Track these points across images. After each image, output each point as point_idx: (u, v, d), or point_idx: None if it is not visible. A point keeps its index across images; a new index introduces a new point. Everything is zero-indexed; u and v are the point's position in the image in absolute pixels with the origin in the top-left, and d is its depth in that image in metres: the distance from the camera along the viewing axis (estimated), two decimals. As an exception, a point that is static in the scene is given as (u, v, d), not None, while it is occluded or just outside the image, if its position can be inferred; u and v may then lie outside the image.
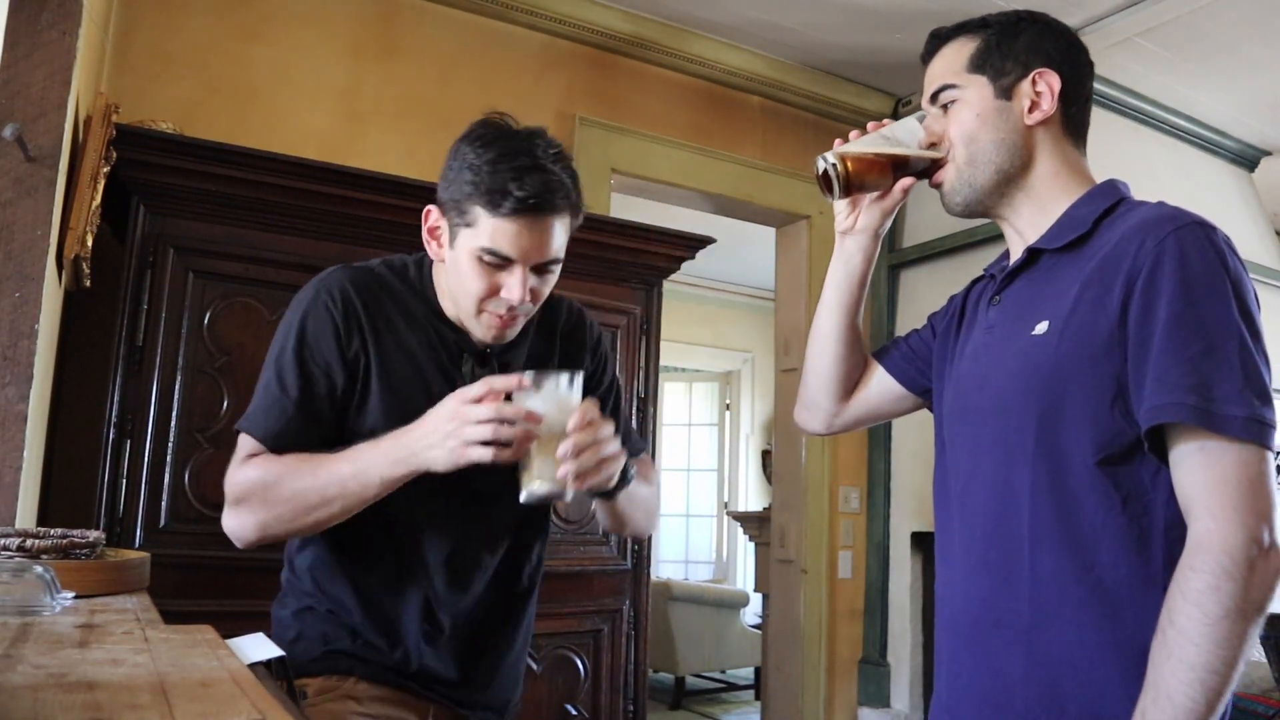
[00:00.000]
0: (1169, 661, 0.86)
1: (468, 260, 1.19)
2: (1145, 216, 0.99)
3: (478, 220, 1.17)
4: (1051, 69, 1.08)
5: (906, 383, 1.26)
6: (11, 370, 1.49)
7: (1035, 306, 1.04)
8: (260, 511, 1.19)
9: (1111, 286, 0.95)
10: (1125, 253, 0.96)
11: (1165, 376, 0.90)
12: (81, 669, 0.67)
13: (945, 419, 1.15)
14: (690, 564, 7.13)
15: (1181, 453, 0.90)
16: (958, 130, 1.09)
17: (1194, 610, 0.86)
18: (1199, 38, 3.07)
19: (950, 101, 1.10)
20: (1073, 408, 0.96)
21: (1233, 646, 0.85)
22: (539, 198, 1.14)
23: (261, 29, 2.68)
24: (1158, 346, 0.91)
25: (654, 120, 3.31)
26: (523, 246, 1.17)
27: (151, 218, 2.06)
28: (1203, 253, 0.94)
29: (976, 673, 1.03)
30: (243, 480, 1.21)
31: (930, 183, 1.14)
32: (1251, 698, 2.67)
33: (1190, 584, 0.87)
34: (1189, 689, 0.84)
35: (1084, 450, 0.96)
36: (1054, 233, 1.06)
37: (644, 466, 1.39)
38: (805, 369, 1.31)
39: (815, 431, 1.34)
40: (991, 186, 1.09)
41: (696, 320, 6.62)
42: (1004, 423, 1.02)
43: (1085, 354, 0.96)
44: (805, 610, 3.56)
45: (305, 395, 1.23)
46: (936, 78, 1.12)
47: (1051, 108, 1.07)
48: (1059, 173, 1.09)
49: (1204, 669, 0.84)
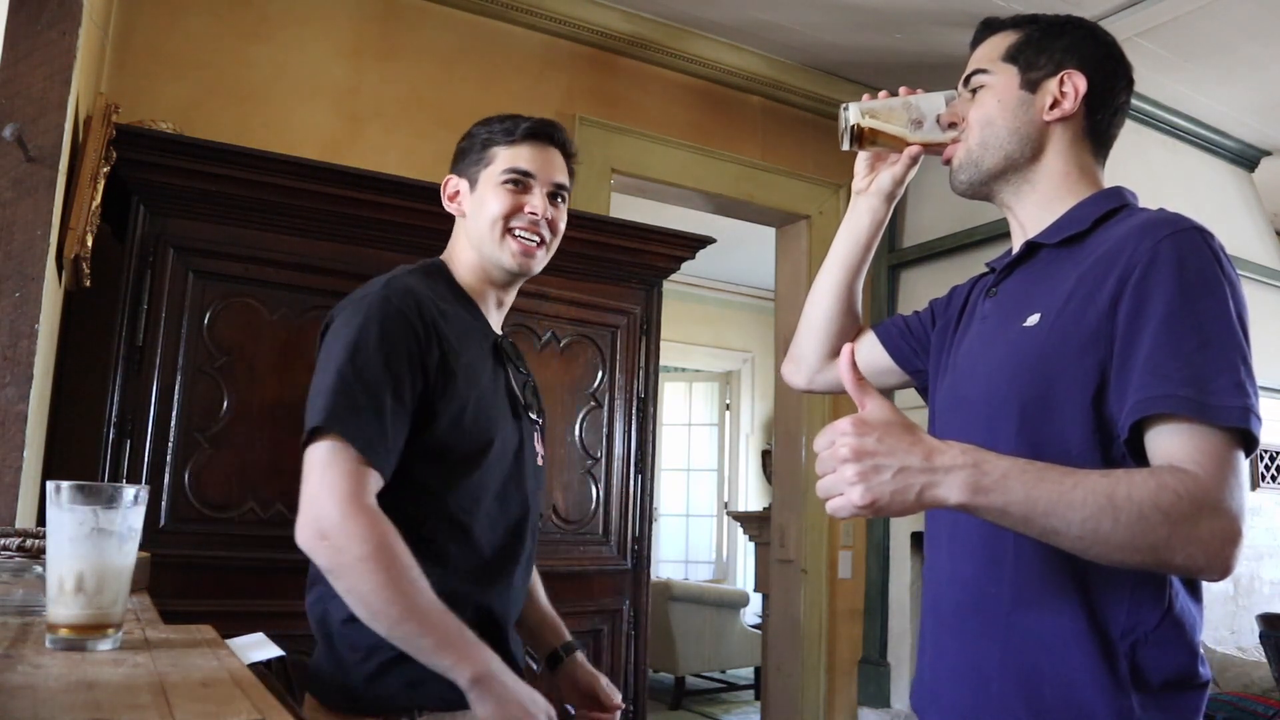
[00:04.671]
0: (1102, 478, 0.84)
1: (492, 190, 1.33)
2: (1144, 219, 1.00)
3: (496, 155, 1.34)
4: (1082, 72, 1.09)
5: (897, 357, 1.29)
6: (11, 370, 1.49)
7: (1029, 300, 1.05)
8: (381, 590, 1.11)
9: (1103, 282, 0.96)
10: (1121, 251, 0.97)
11: (1159, 369, 0.90)
12: (81, 669, 0.67)
13: (939, 409, 1.16)
14: (690, 564, 7.13)
15: (1170, 433, 0.89)
16: (977, 113, 1.11)
17: (1151, 483, 0.84)
18: (1199, 38, 3.07)
19: (979, 86, 1.12)
20: (1056, 398, 0.97)
21: (1134, 533, 0.83)
22: (545, 125, 1.37)
23: (261, 29, 2.68)
24: (1151, 342, 0.91)
25: (654, 120, 3.31)
26: (537, 164, 1.34)
27: (151, 218, 2.06)
28: (1199, 255, 0.95)
29: (956, 655, 1.04)
30: (380, 540, 1.11)
31: (942, 159, 1.16)
32: (1252, 698, 2.67)
33: (1164, 476, 0.85)
34: (1089, 506, 0.83)
35: (1066, 441, 0.96)
36: (1053, 229, 1.08)
37: None
38: (799, 325, 1.35)
39: (797, 386, 1.37)
40: (997, 172, 1.11)
41: (696, 320, 6.62)
42: (990, 412, 1.03)
43: (1070, 346, 0.96)
44: (805, 610, 3.56)
45: (395, 400, 1.17)
46: (973, 63, 1.15)
47: (1073, 108, 1.09)
48: (1068, 173, 1.10)
49: (1111, 511, 0.83)
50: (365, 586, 1.10)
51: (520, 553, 1.33)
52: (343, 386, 1.15)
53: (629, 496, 2.61)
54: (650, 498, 2.65)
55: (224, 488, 2.07)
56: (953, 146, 1.14)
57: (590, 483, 2.55)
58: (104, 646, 0.75)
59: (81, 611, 0.74)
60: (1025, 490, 0.84)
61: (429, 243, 2.30)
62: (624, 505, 2.59)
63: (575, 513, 2.49)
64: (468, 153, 1.38)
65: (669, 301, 2.85)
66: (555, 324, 2.52)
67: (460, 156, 1.40)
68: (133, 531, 0.77)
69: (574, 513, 2.48)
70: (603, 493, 2.56)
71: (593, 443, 2.55)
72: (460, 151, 1.41)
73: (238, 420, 2.09)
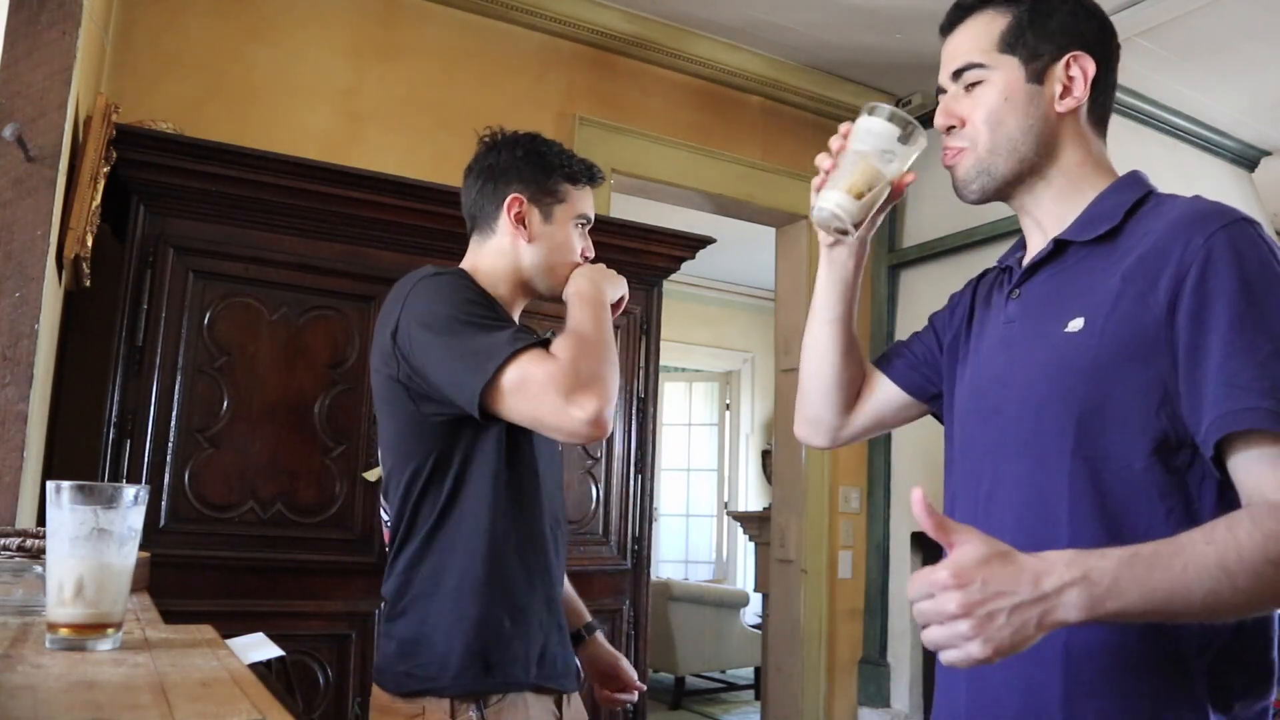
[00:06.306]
0: (1206, 545, 0.79)
1: (568, 229, 1.42)
2: (1187, 211, 0.94)
3: (568, 195, 1.43)
4: (1087, 52, 1.01)
5: (913, 390, 1.21)
6: (11, 370, 1.49)
7: (1065, 301, 0.97)
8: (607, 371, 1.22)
9: (1156, 283, 0.89)
10: (1170, 249, 0.90)
11: (1235, 380, 0.84)
12: (81, 669, 0.67)
13: (960, 419, 1.09)
14: (690, 564, 7.13)
15: (1256, 457, 0.84)
16: (983, 114, 1.01)
17: (1257, 536, 0.79)
18: (1199, 38, 3.07)
19: (976, 82, 1.02)
20: (1115, 409, 0.91)
21: (1254, 593, 0.79)
22: (598, 171, 1.47)
23: (262, 29, 2.68)
24: (1223, 350, 0.85)
25: (654, 120, 3.31)
26: (594, 209, 1.47)
27: (151, 218, 2.06)
28: (1256, 249, 0.89)
29: (1007, 689, 0.93)
30: (569, 359, 1.20)
31: (944, 161, 1.06)
32: (1251, 698, 2.66)
33: (1268, 523, 0.80)
34: (1208, 574, 0.78)
35: (1128, 454, 0.90)
36: (1081, 225, 1.00)
37: None
38: (803, 383, 1.25)
39: (820, 446, 1.28)
40: (1012, 176, 1.02)
41: (696, 320, 6.61)
42: (1035, 424, 0.95)
43: (1129, 354, 0.90)
44: (805, 610, 3.56)
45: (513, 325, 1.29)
46: (961, 54, 1.03)
47: (1084, 95, 1.01)
48: (1084, 163, 1.02)
49: (1228, 580, 0.78)
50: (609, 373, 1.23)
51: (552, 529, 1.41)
52: (471, 342, 1.22)
53: (629, 496, 2.61)
54: (650, 498, 2.65)
55: (224, 488, 2.07)
56: (958, 154, 1.03)
57: (590, 482, 2.55)
58: (104, 646, 0.74)
59: (82, 611, 0.74)
60: (1140, 588, 0.78)
61: (429, 243, 2.31)
62: (624, 505, 2.60)
63: (575, 512, 2.49)
64: (535, 178, 1.41)
65: (669, 301, 2.85)
66: (556, 324, 2.51)
67: (523, 178, 1.41)
68: (133, 531, 0.77)
69: (574, 512, 2.48)
70: (602, 493, 2.56)
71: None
72: (523, 171, 1.41)
73: (238, 420, 2.09)
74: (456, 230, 2.34)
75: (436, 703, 1.22)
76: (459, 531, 1.27)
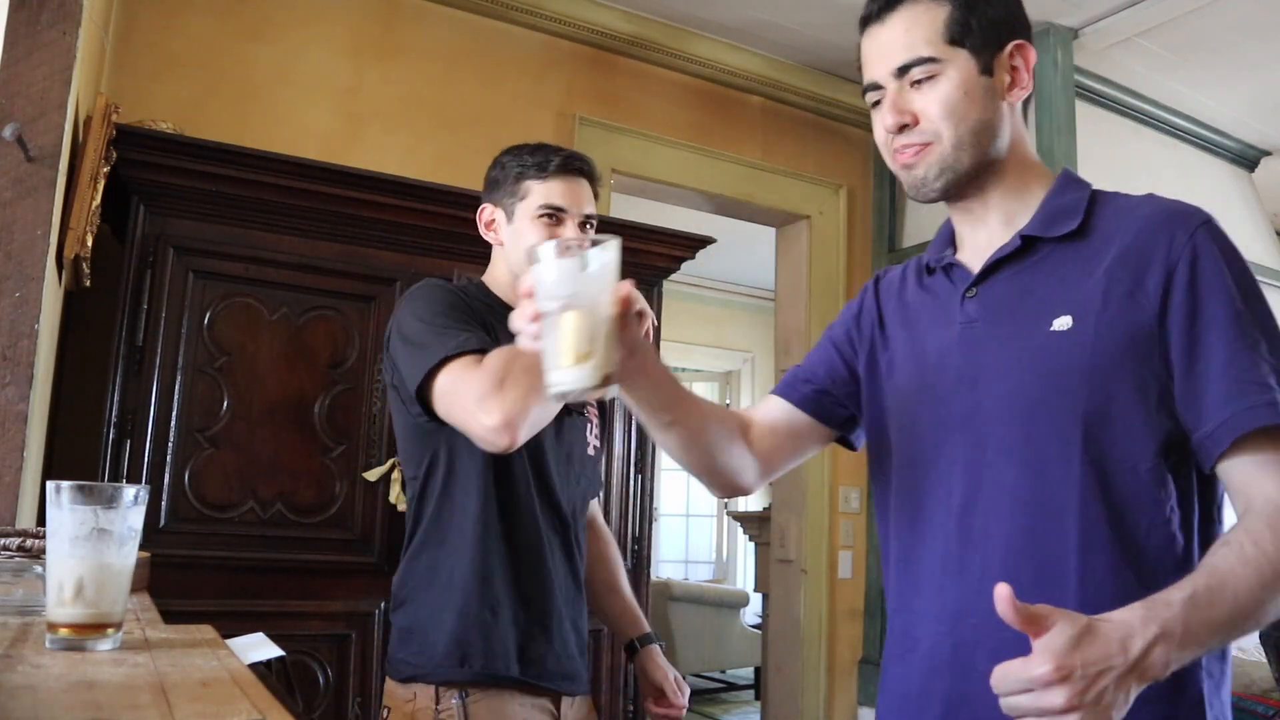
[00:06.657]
0: (1243, 567, 0.81)
1: (529, 224, 1.39)
2: (1160, 208, 0.95)
3: (530, 190, 1.40)
4: (1025, 40, 1.00)
5: (825, 418, 1.14)
6: (11, 370, 1.49)
7: (1042, 299, 0.95)
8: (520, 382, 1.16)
9: (1142, 281, 0.90)
10: (1152, 246, 0.91)
11: (1245, 377, 0.85)
12: (81, 669, 0.67)
13: (905, 431, 1.04)
14: (690, 564, 7.13)
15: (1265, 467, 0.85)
16: (940, 109, 0.96)
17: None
18: (1199, 38, 3.07)
19: (927, 77, 0.96)
20: (1119, 410, 0.90)
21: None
22: (575, 159, 1.42)
23: (262, 29, 2.68)
24: (1227, 349, 0.86)
25: (654, 120, 3.31)
26: (569, 198, 1.40)
27: (151, 218, 2.06)
28: (1233, 250, 0.91)
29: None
30: (491, 366, 1.17)
31: (900, 160, 0.99)
32: (1251, 698, 2.67)
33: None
34: (1254, 595, 0.80)
35: (1135, 456, 0.90)
36: (1044, 221, 0.98)
37: None
38: (696, 466, 1.13)
39: (749, 493, 1.21)
40: (974, 171, 0.98)
41: (696, 320, 6.61)
42: (1026, 428, 0.93)
43: (1126, 353, 0.90)
44: (805, 610, 3.56)
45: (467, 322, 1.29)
46: (900, 47, 0.97)
47: (1030, 84, 1.00)
48: (1025, 155, 1.02)
49: (1270, 595, 0.81)
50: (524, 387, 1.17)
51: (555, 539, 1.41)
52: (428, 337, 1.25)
53: (629, 496, 2.61)
54: (650, 498, 2.65)
55: (224, 488, 2.07)
56: (920, 151, 0.97)
57: (590, 483, 2.55)
58: (104, 646, 0.74)
59: (82, 611, 0.74)
60: (1207, 630, 0.80)
61: (429, 243, 2.32)
62: (624, 505, 2.60)
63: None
64: (501, 183, 1.43)
65: (669, 301, 2.85)
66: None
67: (493, 186, 1.45)
68: (133, 531, 0.77)
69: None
70: (602, 493, 2.56)
71: (593, 443, 2.55)
72: (492, 181, 1.46)
73: (238, 420, 2.09)
74: (456, 230, 2.35)
75: (424, 689, 1.29)
76: (450, 527, 1.34)
